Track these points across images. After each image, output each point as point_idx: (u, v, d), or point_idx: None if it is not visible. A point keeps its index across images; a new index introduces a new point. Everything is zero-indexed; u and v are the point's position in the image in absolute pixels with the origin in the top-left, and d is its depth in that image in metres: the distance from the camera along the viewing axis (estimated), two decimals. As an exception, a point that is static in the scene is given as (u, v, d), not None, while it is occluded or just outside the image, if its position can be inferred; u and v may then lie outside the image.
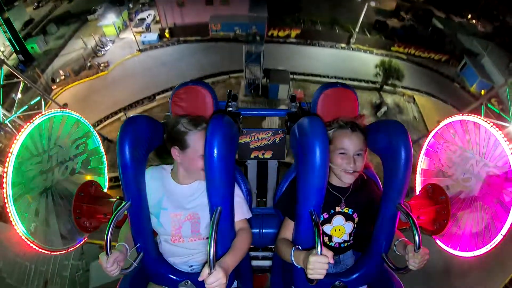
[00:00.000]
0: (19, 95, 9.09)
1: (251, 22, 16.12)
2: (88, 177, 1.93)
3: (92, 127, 2.00)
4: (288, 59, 18.16)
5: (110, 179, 2.17)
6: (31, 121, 1.57)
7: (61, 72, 16.95)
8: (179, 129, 1.35)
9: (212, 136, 1.17)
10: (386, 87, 17.25)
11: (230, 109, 1.96)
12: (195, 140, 1.34)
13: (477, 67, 19.06)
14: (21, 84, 9.14)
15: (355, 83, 17.63)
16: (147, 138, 1.33)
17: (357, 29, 19.83)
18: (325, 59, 19.23)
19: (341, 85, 1.64)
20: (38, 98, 9.43)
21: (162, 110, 14.84)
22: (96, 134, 2.04)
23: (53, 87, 16.32)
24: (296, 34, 20.26)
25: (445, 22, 23.88)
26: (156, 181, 1.43)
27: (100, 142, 2.06)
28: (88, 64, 17.85)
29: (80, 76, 17.16)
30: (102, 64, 17.83)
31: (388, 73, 16.39)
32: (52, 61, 18.77)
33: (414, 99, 17.55)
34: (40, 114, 1.61)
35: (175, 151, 1.38)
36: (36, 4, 25.31)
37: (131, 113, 14.63)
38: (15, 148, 1.48)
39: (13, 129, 8.60)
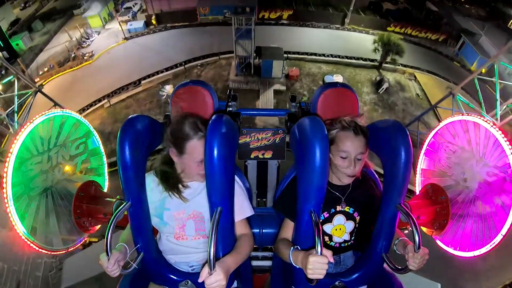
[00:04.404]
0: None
1: (241, 4, 14.29)
2: (88, 177, 1.93)
3: (92, 127, 2.00)
4: (281, 40, 17.04)
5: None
6: (31, 121, 1.56)
7: (45, 65, 16.43)
8: (180, 133, 1.32)
9: (212, 136, 1.17)
10: (386, 65, 16.50)
11: (230, 109, 1.96)
12: (193, 147, 1.31)
13: (476, 45, 18.69)
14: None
15: (353, 61, 17.14)
16: (147, 138, 1.33)
17: (351, 8, 19.00)
18: (320, 39, 18.63)
19: (341, 85, 1.64)
20: (10, 77, 8.82)
21: (148, 96, 14.26)
22: (96, 134, 2.04)
23: (36, 80, 15.60)
24: (288, 15, 19.57)
25: (439, 5, 23.07)
26: (157, 183, 1.43)
27: (100, 142, 2.06)
28: (72, 55, 17.37)
29: (64, 67, 16.73)
30: (86, 54, 17.38)
31: (387, 48, 15.46)
32: (37, 56, 18.27)
33: (415, 77, 16.82)
34: (40, 114, 1.61)
35: (173, 152, 1.37)
36: (22, 4, 24.63)
37: (115, 100, 13.98)
38: (15, 148, 1.48)
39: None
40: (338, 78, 15.68)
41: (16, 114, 8.66)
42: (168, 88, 14.10)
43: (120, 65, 16.72)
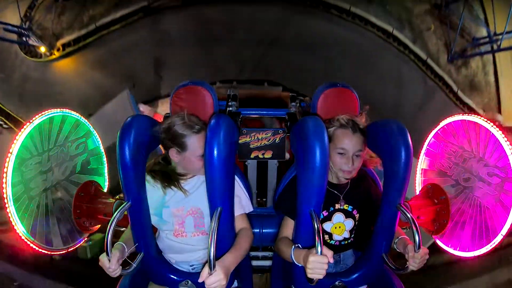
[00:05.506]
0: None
1: None
2: (88, 177, 1.93)
3: (92, 127, 2.00)
4: None
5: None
6: (31, 121, 1.56)
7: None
8: (177, 132, 1.35)
9: (212, 136, 1.18)
10: None
11: (230, 109, 1.97)
12: (194, 142, 1.34)
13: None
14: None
15: None
16: (147, 139, 1.34)
17: None
18: None
19: (342, 85, 1.64)
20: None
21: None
22: (96, 134, 2.04)
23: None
24: None
25: None
26: (153, 183, 1.44)
27: (100, 142, 2.06)
28: None
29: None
30: None
31: None
32: None
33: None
34: (40, 114, 1.61)
35: (173, 152, 1.38)
36: None
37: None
38: (15, 148, 1.48)
39: None
40: None
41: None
42: None
43: None
